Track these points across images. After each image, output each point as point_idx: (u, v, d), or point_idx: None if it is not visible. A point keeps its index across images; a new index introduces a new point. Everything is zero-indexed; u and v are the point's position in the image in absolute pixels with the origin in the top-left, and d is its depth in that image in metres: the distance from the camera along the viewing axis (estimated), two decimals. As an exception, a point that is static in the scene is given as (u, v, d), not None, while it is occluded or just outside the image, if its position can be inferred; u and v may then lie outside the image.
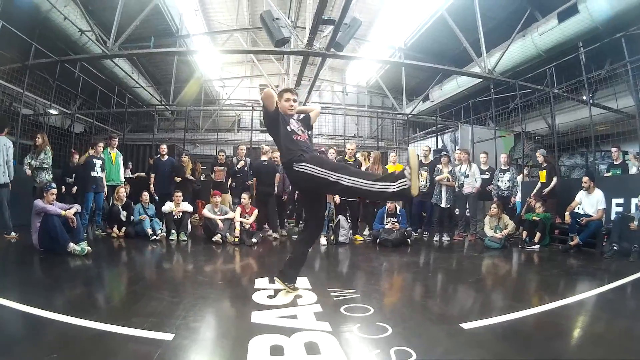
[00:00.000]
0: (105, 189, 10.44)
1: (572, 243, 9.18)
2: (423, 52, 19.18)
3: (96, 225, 10.34)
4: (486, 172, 11.75)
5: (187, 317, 4.14)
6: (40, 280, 5.85)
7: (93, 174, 10.00)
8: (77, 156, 11.41)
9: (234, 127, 25.73)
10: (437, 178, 11.06)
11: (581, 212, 9.51)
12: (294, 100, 5.21)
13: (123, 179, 11.49)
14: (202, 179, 13.65)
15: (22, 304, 4.17)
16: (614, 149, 11.42)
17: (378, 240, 10.02)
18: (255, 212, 10.24)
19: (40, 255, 7.06)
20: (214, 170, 12.04)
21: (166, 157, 12.10)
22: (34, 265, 6.59)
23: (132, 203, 10.26)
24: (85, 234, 8.26)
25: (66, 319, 3.89)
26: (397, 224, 10.10)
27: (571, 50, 14.14)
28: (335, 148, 12.03)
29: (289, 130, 4.98)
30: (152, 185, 11.78)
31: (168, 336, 3.59)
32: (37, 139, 9.88)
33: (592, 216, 9.25)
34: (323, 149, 10.71)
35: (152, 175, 12.02)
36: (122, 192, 10.26)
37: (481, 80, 16.62)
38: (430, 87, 22.75)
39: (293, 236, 11.12)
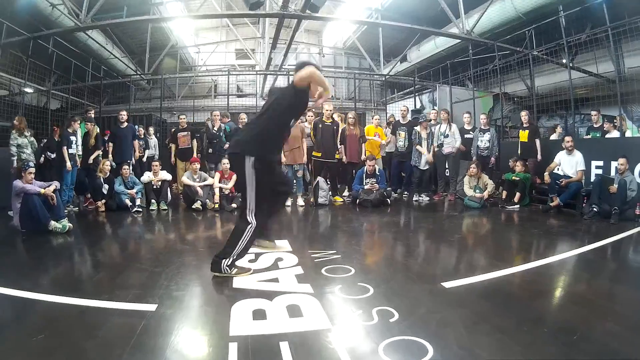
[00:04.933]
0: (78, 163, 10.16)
1: (552, 204, 9.25)
2: (400, 13, 18.98)
3: (69, 201, 10.10)
4: (470, 132, 11.71)
5: (169, 287, 4.17)
6: (23, 261, 5.78)
7: (70, 150, 9.71)
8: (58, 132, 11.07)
9: (210, 93, 25.38)
10: (418, 148, 11.10)
11: (560, 173, 9.53)
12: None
13: (100, 153, 11.16)
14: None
15: (6, 287, 4.12)
16: (593, 113, 11.46)
17: (358, 201, 10.09)
18: (234, 177, 10.18)
19: (22, 236, 6.94)
20: (177, 138, 11.80)
21: (125, 124, 11.56)
22: (16, 247, 6.49)
23: (114, 176, 10.00)
24: (66, 211, 8.14)
25: (51, 298, 3.88)
26: (376, 184, 10.14)
27: (551, 14, 14.06)
28: (313, 110, 11.94)
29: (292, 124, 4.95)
30: (110, 156, 11.16)
31: (151, 307, 3.61)
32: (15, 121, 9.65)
33: (571, 177, 9.29)
34: None
35: (110, 145, 11.40)
36: (107, 165, 10.04)
37: (459, 41, 16.55)
38: (408, 47, 22.48)
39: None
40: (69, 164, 9.52)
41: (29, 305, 3.77)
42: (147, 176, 10.07)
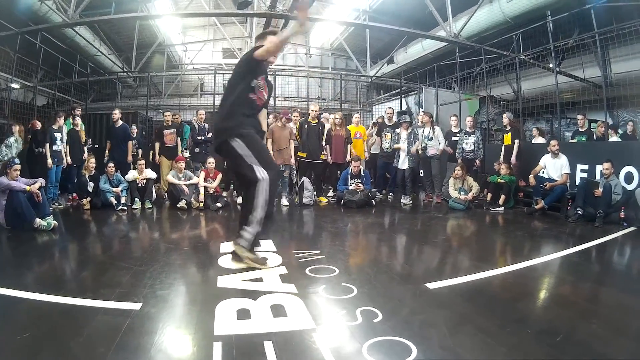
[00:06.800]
0: (65, 161, 10.16)
1: (537, 206, 9.32)
2: (388, 15, 19.08)
3: (53, 198, 10.02)
4: (458, 135, 11.76)
5: (154, 286, 4.15)
6: (8, 259, 5.73)
7: (54, 147, 9.73)
8: (38, 124, 10.97)
9: (197, 92, 25.33)
10: (395, 147, 11.10)
11: (545, 176, 9.62)
12: None
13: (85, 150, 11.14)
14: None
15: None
16: (579, 117, 11.59)
17: (342, 201, 10.08)
18: (219, 176, 10.18)
19: (7, 233, 6.88)
20: (163, 135, 11.49)
21: (120, 122, 11.49)
22: (1, 244, 6.47)
23: (99, 174, 9.94)
24: (51, 209, 8.07)
25: (36, 296, 3.86)
26: (360, 185, 10.16)
27: (539, 19, 14.20)
28: (299, 110, 11.92)
29: (254, 84, 4.79)
30: (107, 151, 11.23)
31: (136, 306, 3.60)
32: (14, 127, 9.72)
33: (556, 180, 9.37)
34: (288, 114, 10.57)
35: (108, 143, 11.47)
36: (92, 162, 9.92)
37: (446, 44, 16.64)
38: (395, 49, 22.64)
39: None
40: (50, 161, 9.51)
41: (14, 303, 3.74)
42: (131, 174, 10.02)
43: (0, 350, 2.88)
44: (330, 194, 11.35)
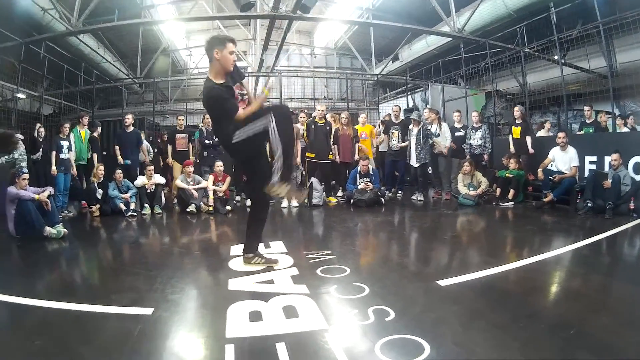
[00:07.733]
0: (74, 169, 10.18)
1: (545, 200, 9.26)
2: (391, 12, 18.98)
3: (62, 207, 10.02)
4: (461, 130, 11.76)
5: (165, 290, 4.15)
6: (19, 267, 5.77)
7: (61, 155, 9.75)
8: (41, 128, 10.92)
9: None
10: (402, 145, 11.13)
11: (554, 169, 9.55)
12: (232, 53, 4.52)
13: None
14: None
15: (2, 294, 4.08)
16: (586, 108, 11.54)
17: (352, 201, 10.06)
18: (228, 179, 10.15)
19: (17, 242, 6.89)
20: (175, 139, 11.61)
21: (131, 128, 11.47)
22: (12, 253, 6.48)
23: (108, 181, 9.94)
24: (60, 217, 8.08)
25: (47, 303, 3.87)
26: (369, 184, 10.12)
27: (542, 11, 14.11)
28: (305, 110, 11.90)
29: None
30: (119, 157, 11.10)
31: (147, 311, 3.60)
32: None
33: (565, 173, 9.31)
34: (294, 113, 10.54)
35: (117, 147, 11.33)
36: (101, 169, 9.95)
37: (451, 39, 16.57)
38: (400, 47, 22.48)
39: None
40: (54, 168, 9.54)
41: (25, 311, 3.76)
42: (140, 180, 10.02)
43: (13, 357, 2.90)
44: (340, 193, 11.34)
